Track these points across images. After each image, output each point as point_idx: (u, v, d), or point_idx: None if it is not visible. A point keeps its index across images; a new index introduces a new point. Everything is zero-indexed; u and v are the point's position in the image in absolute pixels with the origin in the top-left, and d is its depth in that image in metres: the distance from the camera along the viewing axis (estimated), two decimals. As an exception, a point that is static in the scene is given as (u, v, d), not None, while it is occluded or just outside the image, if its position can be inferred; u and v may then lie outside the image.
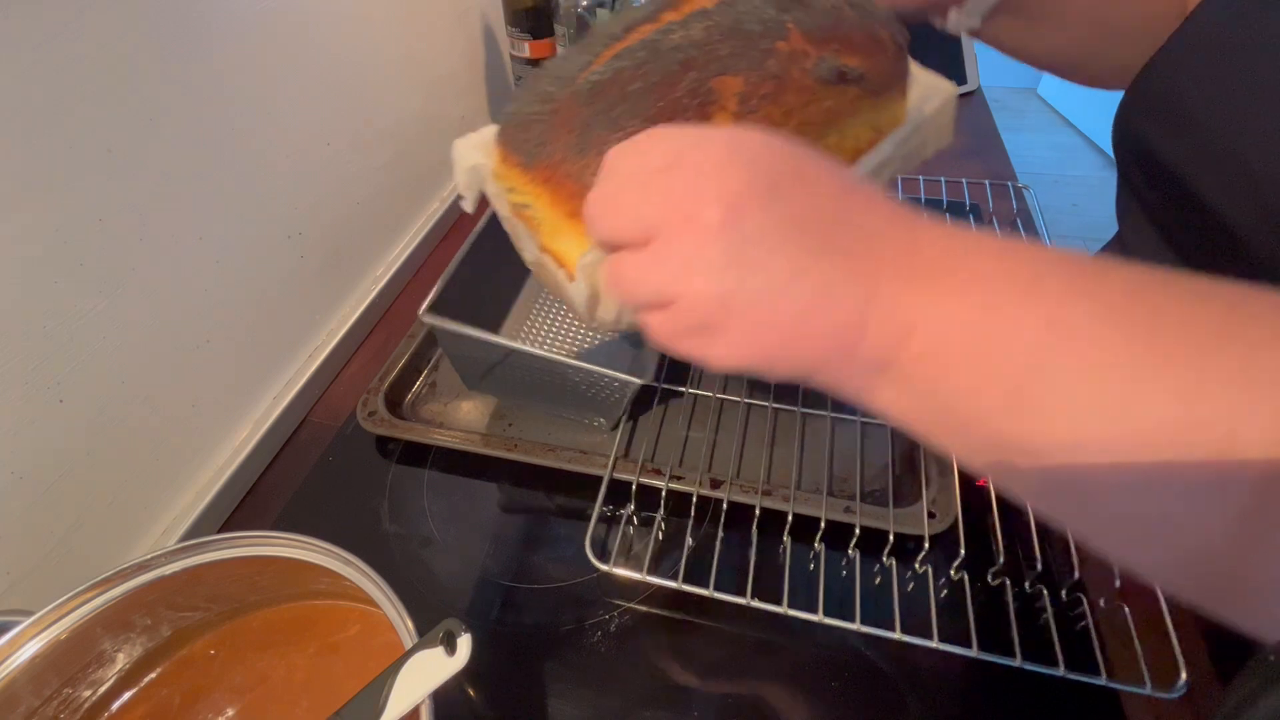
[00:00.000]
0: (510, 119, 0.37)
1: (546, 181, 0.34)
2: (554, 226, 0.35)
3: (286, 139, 0.56)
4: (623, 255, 0.26)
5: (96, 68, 0.40)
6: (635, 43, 0.35)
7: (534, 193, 0.35)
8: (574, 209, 0.33)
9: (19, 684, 0.31)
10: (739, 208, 0.22)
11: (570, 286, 0.34)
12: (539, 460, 0.50)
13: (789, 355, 0.23)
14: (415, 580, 0.47)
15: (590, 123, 0.33)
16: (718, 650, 0.43)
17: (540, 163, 0.34)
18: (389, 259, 0.71)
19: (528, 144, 0.34)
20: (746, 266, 0.22)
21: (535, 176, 0.34)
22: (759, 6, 0.36)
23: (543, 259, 0.36)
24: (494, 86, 0.90)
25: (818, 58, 0.36)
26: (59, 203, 0.39)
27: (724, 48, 0.34)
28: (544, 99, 0.35)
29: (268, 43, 0.52)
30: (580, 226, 0.33)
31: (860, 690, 0.40)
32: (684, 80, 0.34)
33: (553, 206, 0.34)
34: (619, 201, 0.26)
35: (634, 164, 0.26)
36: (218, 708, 0.36)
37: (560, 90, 0.34)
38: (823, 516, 0.45)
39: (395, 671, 0.28)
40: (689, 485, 0.48)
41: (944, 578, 0.44)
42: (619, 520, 0.48)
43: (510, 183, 0.36)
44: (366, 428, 0.53)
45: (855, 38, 0.37)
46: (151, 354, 0.46)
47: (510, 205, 0.36)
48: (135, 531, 0.47)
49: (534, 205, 0.35)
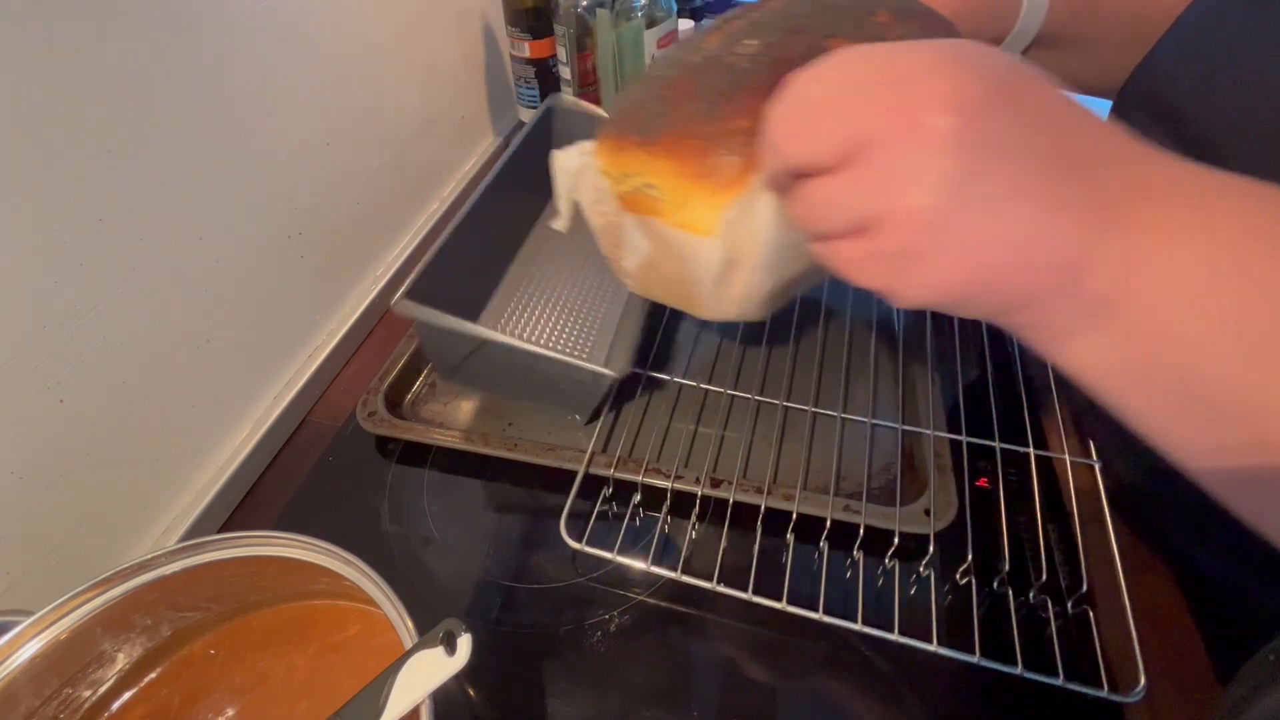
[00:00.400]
0: (615, 113, 0.37)
1: (671, 149, 0.34)
2: (680, 195, 0.34)
3: (286, 139, 0.56)
4: (815, 180, 0.24)
5: (96, 68, 0.40)
6: (735, 28, 0.35)
7: (655, 166, 0.35)
8: (703, 168, 0.33)
9: (19, 684, 0.31)
10: (975, 113, 0.20)
11: (703, 256, 0.34)
12: (540, 460, 0.50)
13: (996, 286, 0.21)
14: (415, 580, 0.47)
15: (713, 84, 0.33)
16: (718, 650, 0.43)
17: (663, 133, 0.34)
18: (389, 259, 0.71)
19: (644, 122, 0.35)
20: (976, 179, 0.20)
21: (657, 149, 0.34)
22: None
23: (658, 247, 0.36)
24: (494, 86, 0.90)
25: (904, 30, 0.37)
26: (59, 203, 0.39)
27: (824, 16, 0.35)
28: (654, 84, 0.35)
29: (268, 42, 0.52)
30: (711, 186, 0.33)
31: (861, 690, 0.40)
32: (796, 43, 0.34)
33: (678, 174, 0.34)
34: (814, 119, 0.23)
35: (826, 81, 0.24)
36: (218, 708, 0.36)
37: (671, 71, 0.35)
38: (828, 516, 0.44)
39: (395, 671, 0.28)
40: (691, 485, 0.47)
41: (948, 582, 0.44)
42: (620, 518, 0.48)
43: (624, 169, 0.36)
44: (366, 428, 0.53)
45: (931, 25, 0.39)
46: (151, 354, 0.46)
47: (621, 197, 0.37)
48: (135, 531, 0.47)
49: (655, 181, 0.35)
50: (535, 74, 0.79)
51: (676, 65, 0.35)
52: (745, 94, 0.32)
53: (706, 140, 0.33)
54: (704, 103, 0.33)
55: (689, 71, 0.34)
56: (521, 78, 0.81)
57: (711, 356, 0.59)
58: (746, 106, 0.32)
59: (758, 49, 0.34)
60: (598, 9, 0.74)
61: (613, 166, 0.37)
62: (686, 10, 0.92)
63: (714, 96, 0.33)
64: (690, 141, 0.33)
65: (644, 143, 0.34)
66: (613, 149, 0.37)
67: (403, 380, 0.58)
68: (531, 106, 0.82)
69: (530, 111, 0.83)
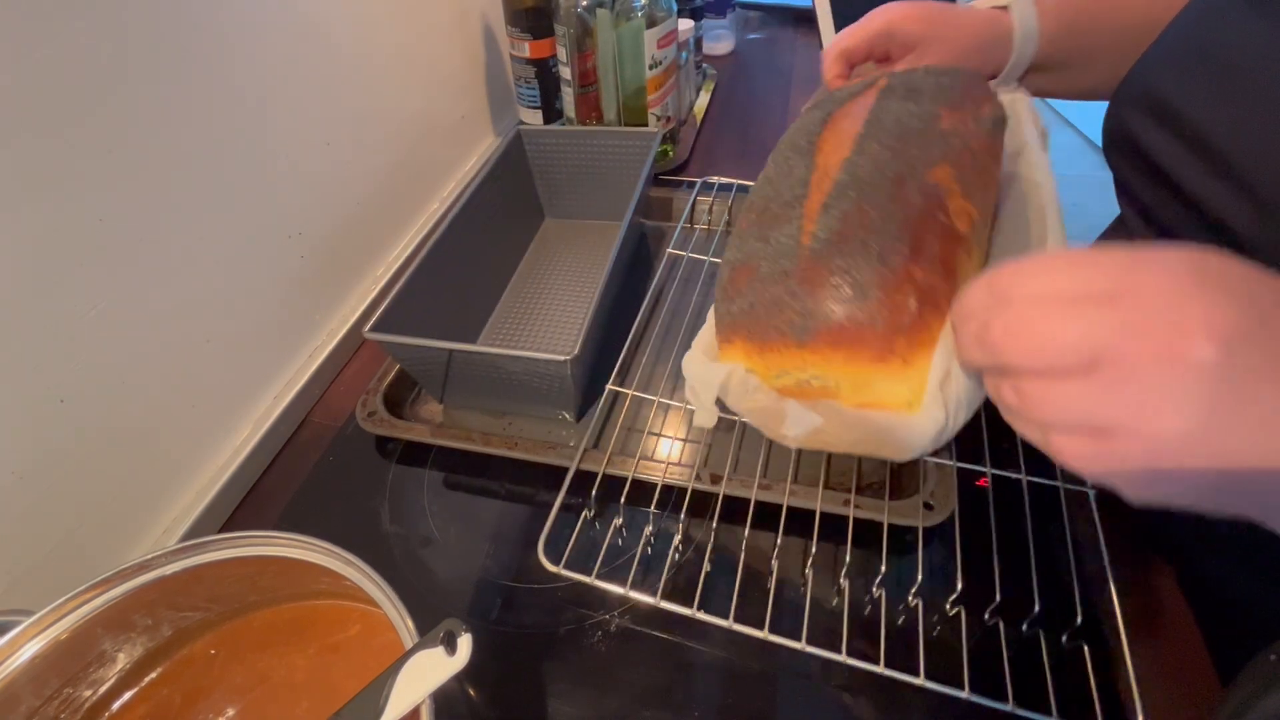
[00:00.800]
0: (737, 316, 0.37)
1: (835, 343, 0.33)
2: (859, 380, 0.34)
3: (286, 139, 0.56)
4: (1040, 380, 0.24)
5: (96, 68, 0.40)
6: (828, 192, 0.35)
7: (819, 361, 0.34)
8: (879, 353, 0.33)
9: (19, 684, 0.31)
10: (1234, 342, 0.21)
11: (905, 427, 0.34)
12: (539, 458, 0.50)
13: (1244, 491, 0.22)
14: (415, 580, 0.47)
15: (850, 270, 0.33)
16: (719, 650, 0.43)
17: (818, 331, 0.33)
18: (389, 259, 0.71)
19: (787, 325, 0.34)
20: (1236, 406, 0.21)
21: (817, 346, 0.34)
22: (898, 110, 0.38)
23: (836, 421, 0.35)
24: (494, 86, 0.90)
25: (974, 118, 0.38)
26: (59, 203, 0.39)
27: (911, 150, 0.36)
28: (774, 279, 0.35)
29: (268, 42, 0.52)
30: (893, 367, 0.33)
31: (863, 690, 0.40)
32: (906, 190, 0.35)
33: (851, 362, 0.34)
34: (1048, 328, 0.23)
35: (1056, 287, 0.24)
36: (218, 708, 0.36)
37: (790, 263, 0.34)
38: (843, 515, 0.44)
39: (395, 671, 0.28)
40: (684, 479, 0.47)
41: (937, 613, 0.42)
42: (603, 531, 0.48)
43: (780, 368, 0.36)
44: (366, 428, 0.53)
45: (974, 93, 0.40)
46: (151, 354, 0.46)
47: (779, 389, 0.36)
48: (135, 531, 0.47)
49: (824, 373, 0.35)
50: (535, 74, 0.79)
51: (790, 255, 0.34)
52: (895, 269, 0.32)
53: (873, 328, 0.33)
54: (851, 291, 0.33)
55: (813, 261, 0.34)
56: (521, 78, 0.81)
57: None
58: (902, 281, 0.32)
59: (876, 218, 0.33)
60: (598, 9, 0.74)
61: (764, 368, 0.36)
62: (686, 10, 0.91)
63: (861, 283, 0.33)
64: (859, 333, 0.33)
65: (800, 344, 0.34)
66: (758, 352, 0.36)
67: (402, 380, 0.58)
68: (532, 106, 0.82)
69: (530, 111, 0.83)
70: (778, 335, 0.35)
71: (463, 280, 0.61)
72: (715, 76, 1.07)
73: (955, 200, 0.36)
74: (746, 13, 1.30)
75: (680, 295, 0.66)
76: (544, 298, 0.68)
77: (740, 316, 0.37)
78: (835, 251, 0.34)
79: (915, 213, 0.35)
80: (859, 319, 0.33)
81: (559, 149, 0.73)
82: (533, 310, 0.66)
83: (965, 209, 0.36)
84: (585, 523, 0.46)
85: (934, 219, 0.35)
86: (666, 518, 0.49)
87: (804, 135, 0.41)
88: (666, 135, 0.84)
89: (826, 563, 0.46)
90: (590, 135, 0.72)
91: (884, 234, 0.33)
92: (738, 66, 1.13)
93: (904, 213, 0.34)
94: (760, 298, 0.36)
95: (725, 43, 1.16)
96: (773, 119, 0.97)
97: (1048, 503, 0.44)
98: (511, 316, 0.66)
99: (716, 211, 0.73)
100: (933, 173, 0.36)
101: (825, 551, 0.42)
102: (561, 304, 0.67)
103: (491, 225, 0.66)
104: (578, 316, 0.65)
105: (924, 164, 0.36)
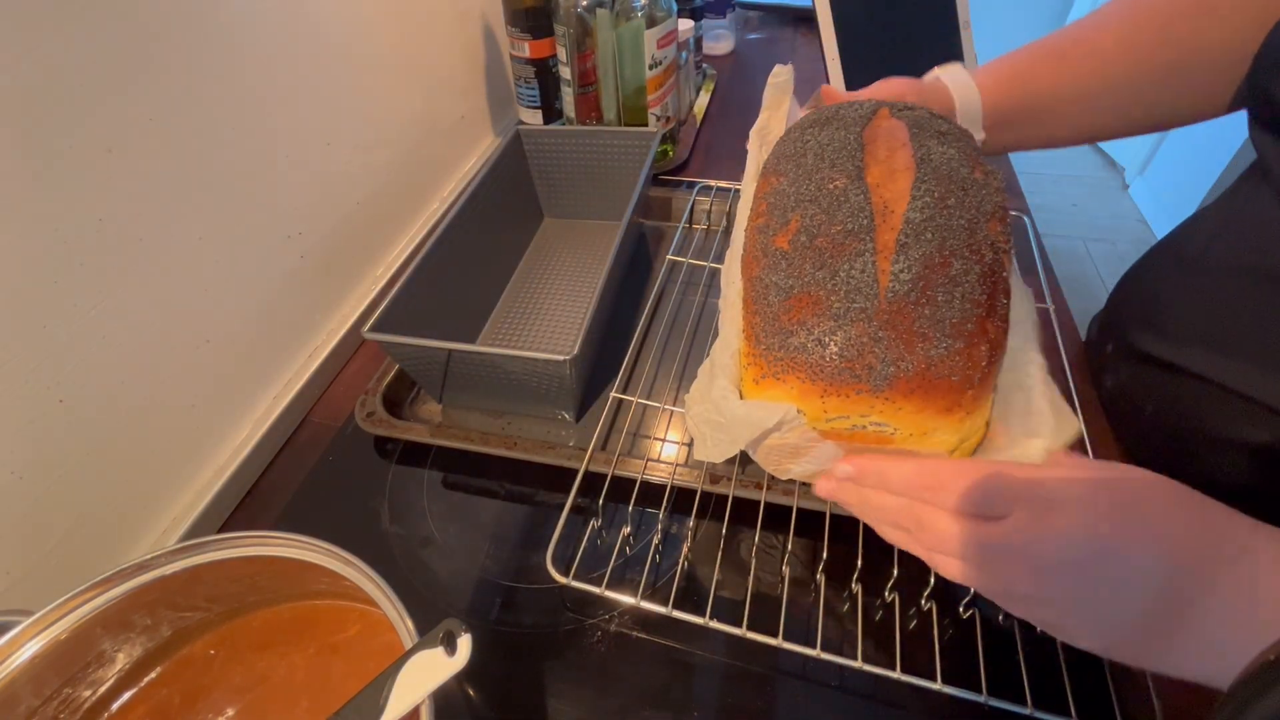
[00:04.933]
0: (796, 353, 0.36)
1: (911, 393, 0.34)
2: (921, 428, 0.35)
3: (286, 139, 0.56)
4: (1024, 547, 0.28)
5: (96, 67, 0.40)
6: (899, 229, 0.36)
7: (888, 409, 0.35)
8: (950, 404, 0.34)
9: (19, 684, 0.31)
10: None
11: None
12: (538, 458, 0.50)
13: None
14: (415, 580, 0.47)
15: (938, 320, 0.34)
16: (719, 650, 0.43)
17: (899, 380, 0.34)
18: (389, 259, 0.71)
19: (865, 370, 0.34)
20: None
21: (893, 395, 0.34)
22: (940, 153, 0.39)
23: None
24: (494, 86, 0.90)
25: (984, 170, 0.40)
26: (59, 203, 0.39)
27: (969, 199, 0.37)
28: (849, 319, 0.35)
29: (267, 42, 0.52)
30: (956, 417, 0.35)
31: (864, 691, 0.40)
32: (977, 240, 0.36)
33: (921, 411, 0.34)
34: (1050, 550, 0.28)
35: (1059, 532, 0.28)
36: (218, 708, 0.36)
37: (869, 303, 0.34)
38: (826, 511, 0.44)
39: (395, 671, 0.28)
40: (692, 480, 0.47)
41: (949, 616, 0.42)
42: (613, 537, 0.48)
43: (840, 412, 0.35)
44: (365, 428, 0.53)
45: (974, 143, 0.42)
46: (151, 354, 0.46)
47: (823, 431, 0.36)
48: (135, 531, 0.47)
49: (890, 420, 0.35)
50: (535, 74, 0.79)
51: (870, 297, 0.34)
52: (974, 322, 0.34)
53: (949, 379, 0.34)
54: (937, 340, 0.34)
55: (899, 306, 0.34)
56: (521, 78, 0.81)
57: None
58: (978, 335, 0.34)
59: (958, 269, 0.34)
60: (598, 9, 0.74)
61: (820, 410, 0.36)
62: (686, 10, 0.91)
63: (948, 334, 0.34)
64: (933, 383, 0.34)
65: (874, 391, 0.34)
66: (819, 394, 0.35)
67: (401, 380, 0.58)
68: (532, 106, 0.82)
69: (530, 111, 0.83)
70: (852, 380, 0.34)
71: (462, 280, 0.61)
72: (715, 76, 1.07)
73: (1005, 256, 0.37)
74: (746, 13, 1.30)
75: (681, 299, 0.66)
76: (543, 298, 0.68)
77: (801, 353, 0.35)
78: (923, 299, 0.34)
79: (987, 266, 0.36)
80: (942, 371, 0.33)
81: (559, 149, 0.73)
82: (532, 310, 0.66)
83: (1008, 263, 0.38)
84: (593, 532, 0.46)
85: (999, 274, 0.36)
86: (674, 521, 0.49)
87: (843, 154, 0.39)
88: (666, 135, 0.84)
89: (838, 568, 0.45)
90: (590, 135, 0.72)
91: (965, 285, 0.34)
92: (738, 66, 1.13)
93: (980, 265, 0.35)
94: (832, 336, 0.35)
95: (725, 43, 1.17)
96: (772, 119, 0.96)
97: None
98: (511, 316, 0.66)
99: (716, 212, 0.73)
100: (990, 225, 0.37)
101: (836, 555, 0.42)
102: (561, 304, 0.67)
103: (491, 225, 0.66)
104: (577, 316, 0.65)
105: (983, 215, 0.37)
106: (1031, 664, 0.38)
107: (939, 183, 0.37)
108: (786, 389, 0.36)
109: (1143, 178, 2.38)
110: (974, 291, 0.34)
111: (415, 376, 0.56)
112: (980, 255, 0.35)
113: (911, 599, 0.43)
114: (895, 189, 0.37)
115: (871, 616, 0.43)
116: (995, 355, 0.35)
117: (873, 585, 0.43)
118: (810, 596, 0.44)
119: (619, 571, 0.46)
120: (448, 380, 0.53)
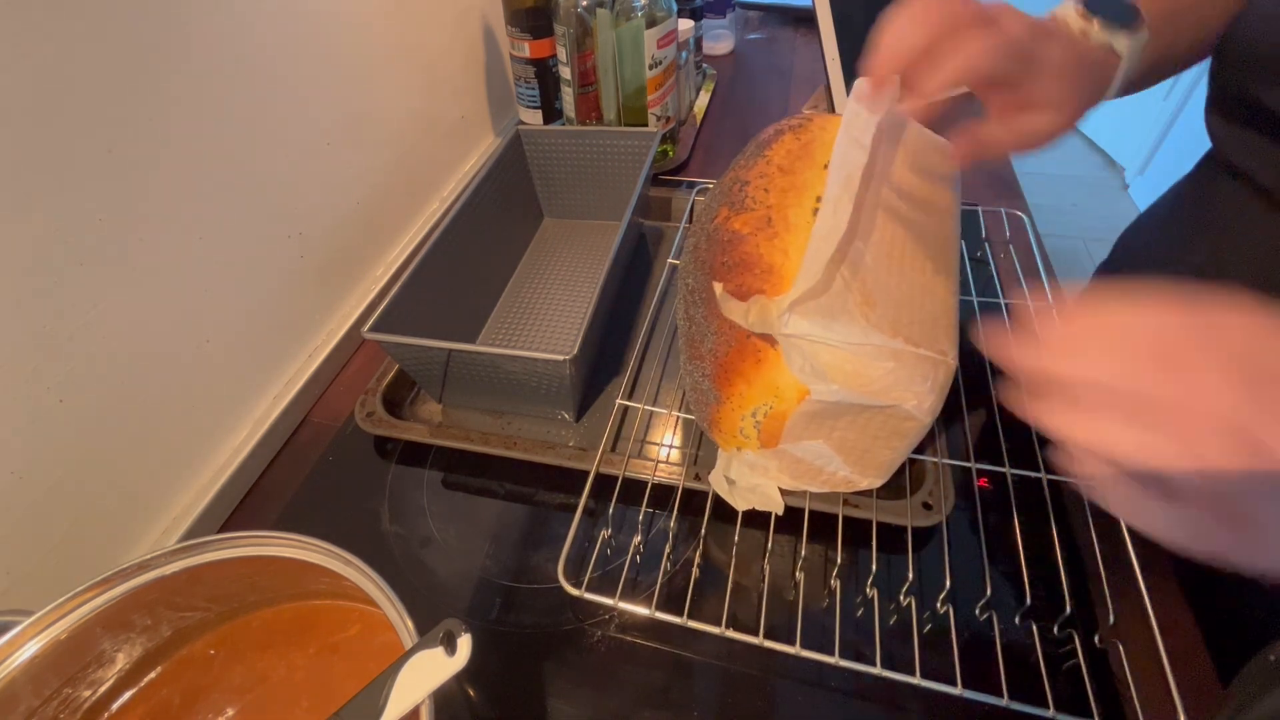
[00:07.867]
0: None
1: (728, 372, 0.42)
2: (769, 388, 0.41)
3: (286, 139, 0.56)
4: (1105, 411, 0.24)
5: (96, 67, 0.40)
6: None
7: (739, 395, 0.42)
8: (751, 355, 0.42)
9: (19, 684, 0.31)
10: None
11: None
12: (538, 457, 0.50)
13: None
14: (415, 580, 0.47)
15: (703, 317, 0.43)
16: (719, 650, 0.43)
17: (715, 375, 0.42)
18: (389, 259, 0.71)
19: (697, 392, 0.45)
20: None
21: (720, 386, 0.43)
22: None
23: (843, 429, 0.41)
24: (494, 86, 0.90)
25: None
26: (59, 203, 0.39)
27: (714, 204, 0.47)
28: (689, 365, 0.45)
29: (268, 43, 0.52)
30: (767, 358, 0.40)
31: (864, 691, 0.40)
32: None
33: (752, 378, 0.41)
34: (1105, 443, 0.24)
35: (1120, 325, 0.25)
36: (218, 708, 0.36)
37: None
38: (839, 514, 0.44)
39: (395, 671, 0.28)
40: (675, 477, 0.47)
41: (965, 616, 0.42)
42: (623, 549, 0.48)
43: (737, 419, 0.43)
44: (365, 428, 0.53)
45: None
46: (151, 354, 0.46)
47: (767, 450, 0.43)
48: (135, 531, 0.47)
49: (758, 403, 0.42)
50: (535, 74, 0.79)
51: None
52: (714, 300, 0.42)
53: (727, 345, 0.42)
54: (703, 336, 0.43)
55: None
56: (521, 78, 0.81)
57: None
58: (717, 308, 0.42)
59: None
60: (598, 9, 0.74)
61: (727, 436, 0.45)
62: (686, 10, 0.91)
63: (709, 325, 0.43)
64: (724, 356, 0.42)
65: (717, 401, 0.43)
66: (716, 430, 0.45)
67: (401, 380, 0.58)
68: (532, 106, 0.82)
69: (530, 111, 0.83)
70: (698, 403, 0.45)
71: (462, 280, 0.61)
72: (715, 76, 1.07)
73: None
74: (746, 13, 1.30)
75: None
76: (543, 298, 0.68)
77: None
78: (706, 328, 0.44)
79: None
80: (719, 347, 0.41)
81: (558, 149, 0.73)
82: (532, 310, 0.66)
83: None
84: (604, 541, 0.46)
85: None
86: (682, 525, 0.48)
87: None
88: (666, 135, 0.84)
89: (850, 569, 0.46)
90: (590, 135, 0.72)
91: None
92: (738, 66, 1.13)
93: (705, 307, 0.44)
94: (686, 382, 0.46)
95: (725, 43, 1.16)
96: (772, 119, 0.96)
97: (1058, 503, 0.44)
98: (511, 316, 0.66)
99: (716, 212, 0.73)
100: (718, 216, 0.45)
101: (848, 556, 0.42)
102: (561, 304, 0.67)
103: (491, 225, 0.66)
104: (577, 316, 0.65)
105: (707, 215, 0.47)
106: (1051, 667, 0.38)
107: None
108: (765, 368, 0.41)
109: (1143, 178, 2.38)
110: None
111: (415, 376, 0.56)
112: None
113: (927, 603, 0.43)
114: None
115: (886, 621, 0.42)
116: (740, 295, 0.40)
117: (888, 589, 0.43)
118: (824, 602, 0.44)
119: (630, 579, 0.46)
120: (448, 380, 0.53)
